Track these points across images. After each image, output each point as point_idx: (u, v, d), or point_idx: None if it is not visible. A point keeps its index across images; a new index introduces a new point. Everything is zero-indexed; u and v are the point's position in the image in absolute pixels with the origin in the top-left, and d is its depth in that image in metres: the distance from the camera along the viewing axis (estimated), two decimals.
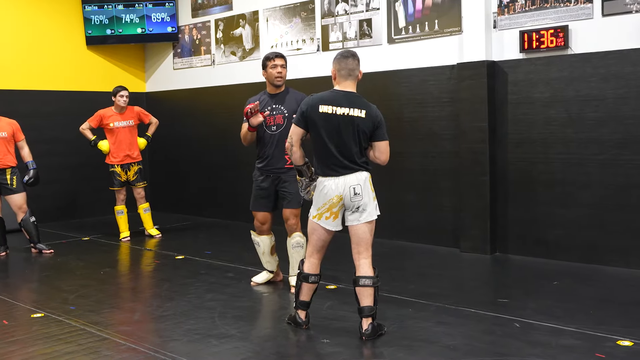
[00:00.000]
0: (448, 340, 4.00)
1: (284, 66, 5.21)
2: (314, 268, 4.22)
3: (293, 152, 4.17)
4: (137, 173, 7.89)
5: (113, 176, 7.79)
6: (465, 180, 6.55)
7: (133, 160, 7.84)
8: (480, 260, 6.28)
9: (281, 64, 5.20)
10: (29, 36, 8.91)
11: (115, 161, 7.75)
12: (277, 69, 5.18)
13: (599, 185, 5.84)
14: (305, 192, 4.36)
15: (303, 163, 4.23)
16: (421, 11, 6.90)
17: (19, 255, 7.08)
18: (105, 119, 7.73)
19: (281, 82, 5.22)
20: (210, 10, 9.09)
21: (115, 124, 7.73)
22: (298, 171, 4.29)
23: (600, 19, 5.73)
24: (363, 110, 4.02)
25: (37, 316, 4.70)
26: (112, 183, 7.83)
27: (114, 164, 7.76)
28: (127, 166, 7.81)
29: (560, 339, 3.96)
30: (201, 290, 5.34)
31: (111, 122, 7.72)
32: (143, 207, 7.99)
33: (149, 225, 8.07)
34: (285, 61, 5.25)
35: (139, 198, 7.96)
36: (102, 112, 7.77)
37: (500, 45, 6.35)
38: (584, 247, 5.95)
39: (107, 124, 7.72)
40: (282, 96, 5.25)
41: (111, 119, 7.73)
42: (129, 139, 7.80)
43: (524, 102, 6.24)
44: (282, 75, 5.20)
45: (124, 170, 7.79)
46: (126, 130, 7.77)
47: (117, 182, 7.80)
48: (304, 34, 7.98)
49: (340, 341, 4.01)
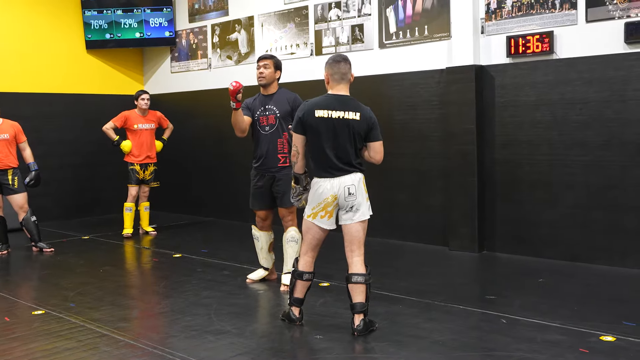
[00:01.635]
0: (437, 335, 4.12)
1: (266, 66, 5.29)
2: (308, 266, 4.35)
3: (298, 160, 4.32)
4: (153, 173, 8.26)
5: (132, 173, 8.11)
6: (454, 181, 6.73)
7: (151, 161, 8.22)
8: (469, 259, 6.44)
9: (263, 64, 5.30)
10: (30, 40, 9.07)
11: (137, 160, 8.09)
12: (259, 70, 5.32)
13: (582, 185, 6.02)
14: (296, 200, 4.49)
15: (303, 172, 4.38)
16: (411, 17, 7.08)
17: (20, 254, 7.21)
18: (130, 120, 8.07)
19: (264, 81, 5.31)
20: (207, 15, 9.26)
21: (139, 126, 8.10)
22: (295, 178, 4.41)
23: (584, 25, 5.91)
24: (357, 112, 4.17)
25: (37, 313, 4.81)
26: (130, 180, 8.14)
27: (134, 163, 8.08)
28: (146, 166, 8.17)
29: (545, 335, 4.08)
30: (198, 287, 5.48)
31: (135, 124, 8.08)
32: (145, 205, 8.34)
33: (145, 223, 8.39)
34: (272, 61, 5.31)
35: (143, 196, 8.31)
36: (127, 114, 8.11)
37: (488, 50, 6.53)
38: (568, 245, 6.12)
39: (131, 124, 8.06)
40: (275, 97, 5.36)
41: (136, 121, 8.09)
42: (150, 140, 8.19)
43: (510, 105, 6.41)
44: (264, 75, 5.29)
45: (142, 169, 8.13)
46: (148, 132, 8.16)
47: (135, 179, 8.12)
48: (298, 39, 8.15)
49: (333, 337, 4.13)
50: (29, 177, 7.18)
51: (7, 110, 7.54)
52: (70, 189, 9.51)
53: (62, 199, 9.41)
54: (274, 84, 5.38)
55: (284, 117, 5.31)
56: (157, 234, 8.31)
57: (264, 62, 5.31)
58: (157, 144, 8.35)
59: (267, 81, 5.32)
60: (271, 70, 5.31)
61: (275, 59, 5.37)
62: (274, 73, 5.33)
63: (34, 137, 7.88)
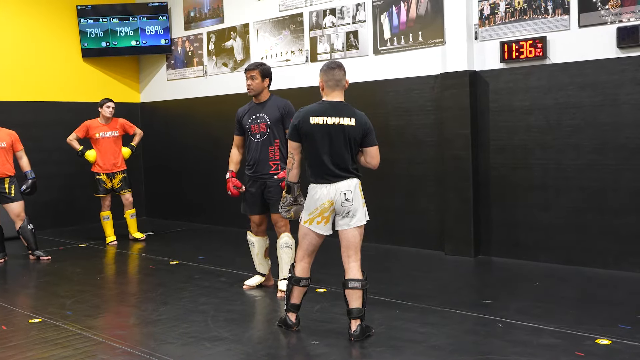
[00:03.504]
0: (433, 340, 4.14)
1: (253, 77, 5.35)
2: (304, 272, 4.37)
3: (293, 168, 4.33)
4: (122, 181, 8.21)
5: (98, 183, 8.08)
6: (449, 185, 6.76)
7: (118, 169, 8.15)
8: (464, 263, 6.47)
9: (250, 76, 5.36)
10: (27, 49, 9.09)
11: (101, 170, 8.04)
12: (247, 82, 5.39)
13: (576, 189, 6.05)
14: (285, 210, 4.48)
15: (296, 181, 4.39)
16: (405, 23, 7.12)
17: (17, 262, 7.22)
18: (92, 129, 8.04)
19: (252, 92, 5.39)
20: (202, 23, 9.29)
21: (101, 134, 8.04)
22: (288, 187, 4.41)
23: (577, 30, 5.96)
24: (352, 118, 4.20)
25: (34, 321, 4.81)
26: (97, 190, 8.12)
27: (100, 172, 8.05)
28: (113, 174, 8.13)
29: (541, 338, 4.10)
30: (195, 294, 5.49)
31: (97, 133, 8.03)
32: (130, 212, 8.35)
33: (133, 230, 8.43)
34: (258, 71, 5.35)
35: (127, 204, 8.31)
36: (89, 123, 8.09)
37: (482, 56, 6.57)
38: (563, 249, 6.15)
39: (93, 134, 8.02)
40: (266, 104, 5.42)
41: (97, 130, 8.04)
42: (114, 148, 8.12)
43: (504, 110, 6.45)
44: (251, 86, 5.36)
45: (109, 178, 8.10)
46: (111, 140, 8.09)
47: (102, 189, 8.10)
48: (293, 46, 8.19)
49: (330, 342, 4.15)
50: (25, 184, 7.19)
51: (4, 119, 7.57)
52: (66, 197, 9.51)
53: (58, 207, 9.41)
54: (264, 92, 5.44)
55: (275, 124, 5.36)
56: (154, 241, 8.31)
57: (251, 73, 5.37)
58: (125, 151, 8.25)
59: (255, 92, 5.40)
60: (258, 81, 5.37)
61: (261, 67, 5.40)
62: (261, 83, 5.38)
63: (30, 145, 7.90)
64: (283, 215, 4.54)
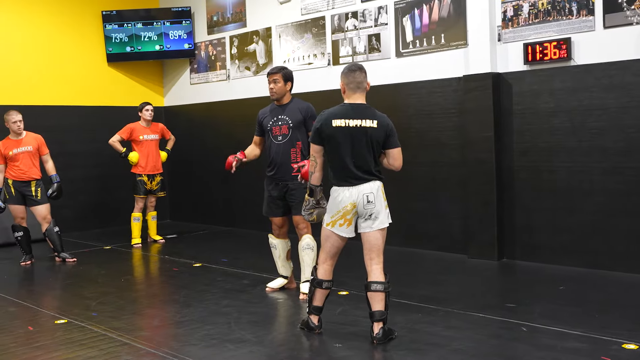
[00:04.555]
0: (456, 344, 4.11)
1: (275, 81, 5.39)
2: (327, 274, 4.37)
3: (315, 171, 4.34)
4: (159, 183, 8.40)
5: (140, 184, 8.25)
6: (472, 189, 6.71)
7: (157, 171, 8.36)
8: (488, 266, 6.42)
9: (272, 79, 5.41)
10: (53, 55, 9.24)
11: (144, 171, 8.23)
12: (269, 85, 5.43)
13: (602, 192, 5.97)
14: (307, 213, 4.48)
15: (319, 184, 4.40)
16: (428, 25, 7.10)
17: (43, 264, 7.32)
18: (136, 132, 8.23)
19: (275, 96, 5.43)
20: (225, 27, 9.36)
21: (145, 137, 8.25)
22: (310, 190, 4.42)
23: (602, 31, 5.89)
24: (374, 120, 4.19)
25: (60, 322, 4.89)
26: (138, 190, 8.27)
27: (142, 174, 8.21)
28: (153, 176, 8.31)
29: (566, 343, 4.05)
30: (217, 296, 5.53)
31: (141, 135, 8.23)
32: (152, 214, 8.51)
33: (153, 232, 8.56)
34: (281, 75, 5.40)
35: (150, 206, 8.47)
36: (132, 126, 8.27)
37: (505, 58, 6.52)
38: (588, 253, 6.07)
39: (137, 136, 8.21)
40: (288, 107, 5.46)
41: (141, 132, 8.24)
42: (155, 151, 8.33)
43: (528, 112, 6.40)
44: (274, 89, 5.40)
45: (149, 180, 8.26)
46: (153, 143, 8.31)
47: (142, 190, 8.27)
48: (315, 49, 8.20)
49: (352, 345, 4.15)
50: (51, 189, 7.30)
51: (31, 123, 7.68)
52: (91, 200, 9.64)
53: (83, 210, 9.53)
54: (287, 95, 5.48)
55: (296, 127, 5.38)
56: (177, 243, 8.38)
57: (273, 77, 5.41)
58: (163, 155, 8.49)
59: (278, 95, 5.44)
60: (281, 84, 5.41)
61: (284, 71, 5.44)
62: (284, 86, 5.42)
63: (56, 149, 8.02)
64: (305, 218, 4.54)
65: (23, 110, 7.48)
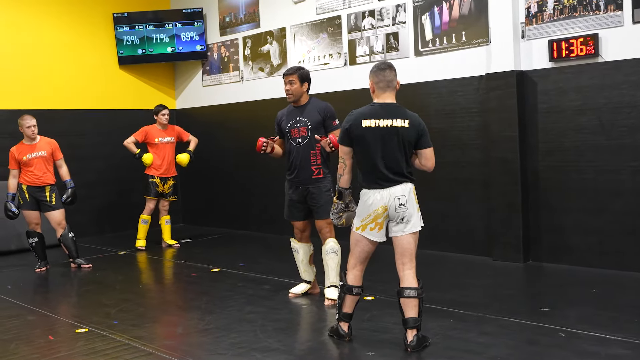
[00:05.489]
0: (493, 351, 3.97)
1: (291, 82, 5.26)
2: (357, 280, 4.24)
3: (344, 173, 4.19)
4: (172, 187, 8.31)
5: (152, 186, 8.16)
6: (496, 189, 6.57)
7: (171, 175, 8.25)
8: (514, 269, 6.27)
9: (288, 80, 5.27)
10: (65, 58, 9.14)
11: (157, 173, 8.14)
12: (285, 87, 5.30)
13: (632, 192, 5.82)
14: (336, 217, 4.33)
15: (348, 187, 4.25)
16: (448, 23, 6.96)
17: (58, 270, 7.21)
18: (151, 134, 8.16)
19: (292, 97, 5.29)
20: (238, 28, 9.23)
21: (160, 140, 8.18)
22: (339, 193, 4.27)
23: (631, 26, 5.74)
24: (406, 119, 4.06)
25: (81, 331, 4.75)
26: (149, 192, 8.19)
27: (155, 176, 8.13)
28: (166, 179, 8.22)
29: (609, 349, 3.91)
30: (240, 302, 5.39)
31: (156, 138, 8.16)
32: (165, 218, 8.39)
33: (167, 236, 8.45)
34: (297, 76, 5.26)
35: (162, 210, 8.36)
36: (147, 128, 8.20)
37: (529, 55, 6.38)
38: (618, 254, 5.92)
39: (152, 139, 8.14)
40: (305, 108, 5.32)
41: (157, 135, 8.17)
42: (171, 154, 8.24)
43: (554, 110, 6.25)
44: (290, 90, 5.27)
45: (162, 182, 8.17)
46: (168, 146, 8.23)
47: (153, 192, 8.18)
48: (331, 49, 8.07)
49: (385, 353, 4.02)
50: (65, 194, 7.19)
51: (44, 128, 7.57)
52: (105, 204, 9.53)
53: (96, 215, 9.43)
54: (304, 96, 5.34)
55: (316, 128, 5.24)
56: (193, 248, 8.26)
57: (289, 78, 5.28)
58: (184, 157, 8.28)
59: (295, 97, 5.31)
60: (297, 86, 5.27)
61: (300, 72, 5.30)
62: (300, 87, 5.28)
63: (69, 153, 7.89)
64: (334, 222, 4.40)
65: (35, 114, 7.37)
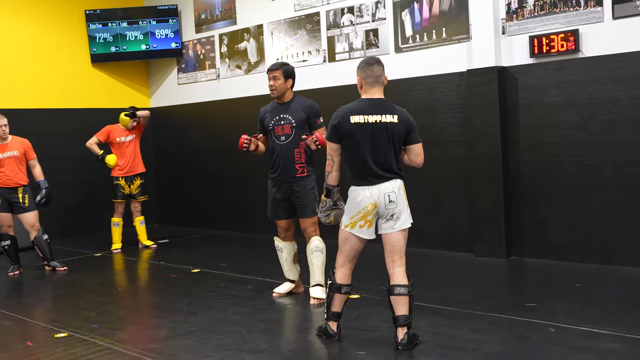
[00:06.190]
0: (485, 348, 3.94)
1: (275, 78, 5.16)
2: (346, 278, 4.18)
3: (332, 170, 4.12)
4: (140, 187, 8.13)
5: (117, 188, 7.99)
6: (478, 186, 6.56)
7: (136, 173, 8.08)
8: (497, 265, 6.27)
9: (272, 76, 5.17)
10: (35, 56, 8.90)
11: (121, 173, 7.96)
12: (269, 82, 5.20)
13: (613, 186, 5.86)
14: (324, 215, 4.27)
15: (336, 184, 4.18)
16: (428, 19, 6.93)
17: (32, 274, 7.00)
18: (113, 134, 7.96)
19: (276, 93, 5.20)
20: (214, 25, 9.09)
21: (122, 139, 7.97)
22: (327, 190, 4.20)
23: (611, 22, 5.77)
24: (395, 115, 4.00)
25: (60, 336, 4.60)
26: (115, 195, 8.02)
27: (119, 177, 7.95)
28: (131, 180, 8.04)
29: (600, 343, 3.90)
30: (223, 303, 5.29)
31: (117, 137, 7.96)
32: (139, 219, 8.22)
33: (143, 237, 8.29)
34: (281, 71, 5.16)
35: (135, 211, 8.20)
36: (110, 128, 8.03)
37: (510, 51, 6.38)
38: (600, 249, 5.95)
39: (114, 138, 7.95)
40: (290, 105, 5.23)
41: (118, 134, 7.97)
42: (133, 152, 8.05)
43: (535, 106, 6.26)
44: (274, 86, 5.17)
45: (127, 184, 8.01)
46: (130, 144, 8.01)
47: (120, 194, 8.00)
48: (310, 46, 7.99)
49: (376, 352, 3.96)
50: (39, 195, 6.99)
51: (16, 127, 7.33)
52: (80, 205, 9.31)
53: (71, 216, 9.20)
54: (288, 92, 5.25)
55: (300, 126, 5.16)
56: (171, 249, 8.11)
57: (273, 73, 5.18)
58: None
59: (279, 93, 5.21)
60: (281, 81, 5.17)
61: (285, 67, 5.21)
62: (284, 83, 5.19)
63: (42, 153, 7.69)
64: (322, 221, 4.33)
65: (6, 113, 7.14)
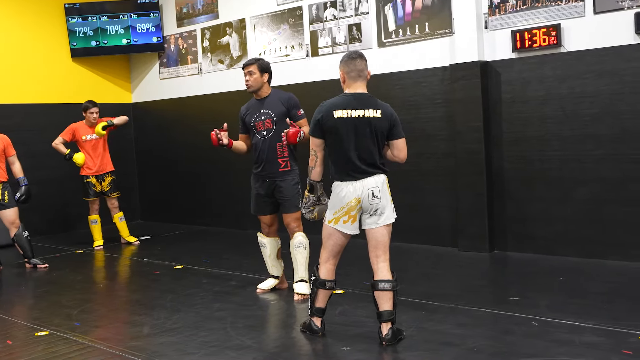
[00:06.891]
0: (470, 342, 3.94)
1: (251, 73, 5.14)
2: (330, 274, 4.16)
3: (316, 166, 4.10)
4: (111, 184, 8.02)
5: (88, 187, 7.90)
6: (461, 180, 6.57)
7: (107, 171, 7.97)
8: (480, 259, 6.29)
9: (247, 71, 5.15)
10: (14, 50, 8.75)
11: (91, 172, 7.85)
12: (245, 78, 5.18)
13: (595, 180, 5.90)
14: (308, 211, 4.26)
15: (319, 180, 4.16)
16: (411, 14, 6.92)
17: (12, 271, 6.91)
18: (78, 132, 7.83)
19: (251, 88, 5.18)
20: (196, 19, 9.01)
21: (88, 137, 7.84)
22: (310, 186, 4.19)
23: (593, 17, 5.80)
24: (378, 110, 3.98)
25: (41, 334, 4.55)
26: (87, 194, 7.93)
27: (89, 175, 7.84)
28: (102, 177, 7.93)
29: (582, 337, 3.92)
30: (207, 300, 5.25)
31: (83, 135, 7.83)
32: (118, 216, 8.14)
33: (125, 233, 8.21)
34: (256, 66, 5.14)
35: (112, 208, 8.11)
36: (75, 126, 7.88)
37: (492, 46, 6.39)
38: (582, 242, 5.99)
39: (79, 137, 7.82)
40: (268, 100, 5.20)
41: (84, 132, 7.83)
42: (101, 150, 7.91)
43: (518, 101, 6.28)
44: (250, 81, 5.15)
45: (98, 181, 7.91)
46: (97, 142, 7.87)
47: (92, 193, 7.91)
48: (293, 40, 7.95)
49: (360, 348, 3.95)
50: (19, 192, 6.90)
51: None
52: (60, 202, 9.19)
53: (52, 213, 9.09)
54: (265, 87, 5.22)
55: (281, 119, 5.14)
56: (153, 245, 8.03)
57: (248, 68, 5.16)
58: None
59: (254, 88, 5.18)
60: (257, 76, 5.15)
61: (259, 62, 5.19)
62: (260, 77, 5.16)
63: (22, 150, 7.57)
64: (306, 216, 4.31)
65: None
